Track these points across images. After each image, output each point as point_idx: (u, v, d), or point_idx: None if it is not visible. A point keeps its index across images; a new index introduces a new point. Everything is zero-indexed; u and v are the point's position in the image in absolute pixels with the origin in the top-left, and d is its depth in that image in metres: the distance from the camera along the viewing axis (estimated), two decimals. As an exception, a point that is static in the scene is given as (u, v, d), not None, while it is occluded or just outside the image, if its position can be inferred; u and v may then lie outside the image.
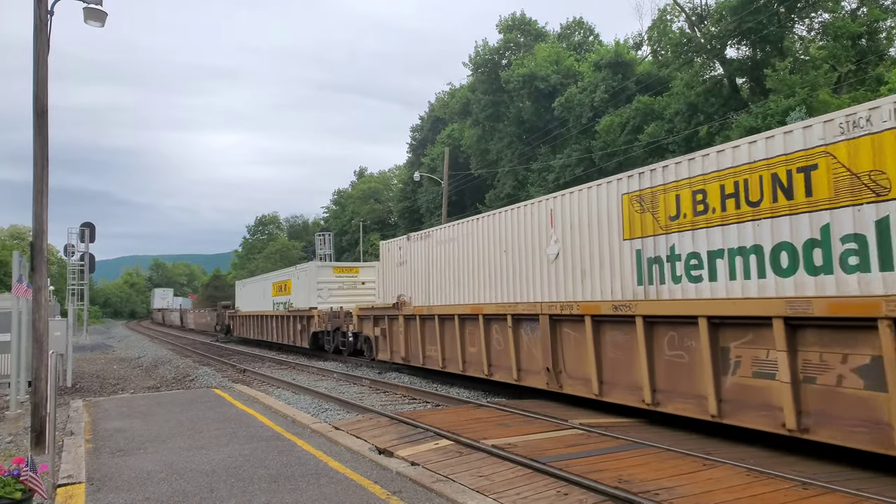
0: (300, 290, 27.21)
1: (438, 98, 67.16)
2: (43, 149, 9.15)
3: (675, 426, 8.74)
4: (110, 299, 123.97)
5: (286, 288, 29.48)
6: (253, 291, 35.85)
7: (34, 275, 9.23)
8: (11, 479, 5.57)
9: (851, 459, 6.61)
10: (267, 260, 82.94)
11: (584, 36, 54.94)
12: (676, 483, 6.03)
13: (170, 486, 6.67)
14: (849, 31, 29.90)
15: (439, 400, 12.89)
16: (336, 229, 77.61)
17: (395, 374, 17.45)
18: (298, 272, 28.38)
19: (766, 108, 27.84)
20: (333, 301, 24.99)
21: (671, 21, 38.30)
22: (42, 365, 8.97)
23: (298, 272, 28.38)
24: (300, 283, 27.39)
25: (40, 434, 8.70)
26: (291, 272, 29.61)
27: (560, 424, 8.98)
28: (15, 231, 73.07)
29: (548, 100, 44.20)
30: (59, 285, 51.64)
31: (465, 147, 53.69)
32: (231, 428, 9.72)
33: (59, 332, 16.83)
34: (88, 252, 40.96)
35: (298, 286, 27.53)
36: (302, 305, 26.07)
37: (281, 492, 6.37)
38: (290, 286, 28.73)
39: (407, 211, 65.40)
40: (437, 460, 7.35)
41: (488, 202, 48.61)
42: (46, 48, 9.24)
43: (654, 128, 34.96)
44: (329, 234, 53.87)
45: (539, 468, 6.71)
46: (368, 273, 26.83)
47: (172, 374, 19.57)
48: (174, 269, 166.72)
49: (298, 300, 27.02)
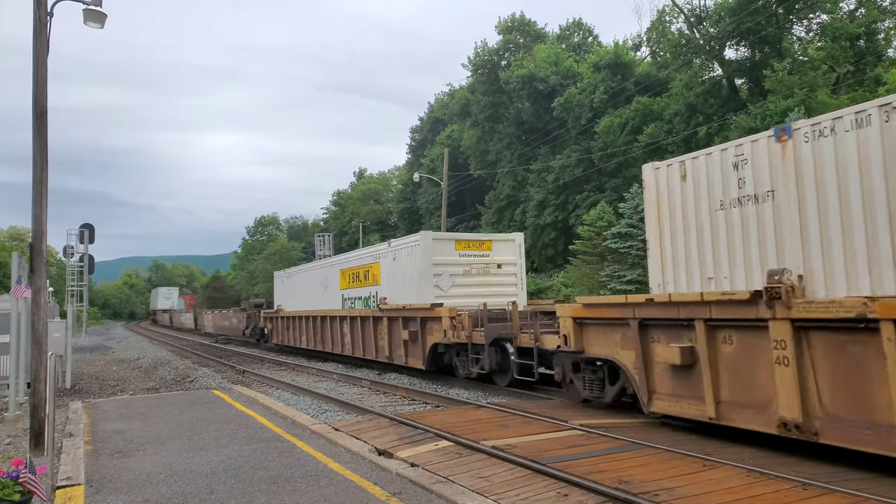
0: (399, 277, 18.47)
1: (438, 99, 67.30)
2: (42, 150, 9.14)
3: (675, 427, 8.74)
4: (109, 300, 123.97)
5: (368, 276, 20.58)
6: (306, 284, 26.55)
7: (33, 276, 9.22)
8: (10, 481, 5.56)
9: (851, 460, 6.61)
10: (266, 261, 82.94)
11: (584, 37, 55.05)
12: (676, 484, 6.02)
13: (169, 488, 6.66)
14: (847, 32, 29.96)
15: (439, 401, 12.88)
16: (336, 230, 77.65)
17: (395, 375, 17.44)
18: (395, 250, 18.91)
19: (764, 108, 27.88)
20: (458, 294, 16.70)
21: (670, 22, 38.39)
22: (41, 366, 8.96)
23: (395, 250, 18.91)
24: (400, 266, 18.50)
25: (39, 436, 8.69)
26: (379, 251, 20.11)
27: (560, 425, 8.97)
28: (14, 232, 73.04)
29: (547, 101, 44.25)
30: (59, 286, 51.64)
31: (465, 148, 53.76)
32: (231, 429, 9.71)
33: (59, 334, 16.82)
34: (88, 253, 40.95)
35: (395, 271, 18.73)
36: (402, 301, 17.65)
37: (281, 493, 6.36)
38: (377, 273, 19.85)
39: (407, 212, 65.47)
40: (437, 461, 7.34)
41: (488, 203, 48.68)
42: (46, 49, 9.24)
43: (654, 128, 35.01)
44: (329, 234, 53.89)
45: (539, 469, 6.70)
46: (505, 250, 18.02)
47: (172, 375, 19.55)
48: (174, 269, 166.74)
49: (395, 293, 18.43)
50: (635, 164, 37.29)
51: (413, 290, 17.29)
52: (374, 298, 19.56)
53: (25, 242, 55.97)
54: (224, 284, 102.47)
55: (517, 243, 18.19)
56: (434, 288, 16.65)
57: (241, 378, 18.77)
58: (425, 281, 16.76)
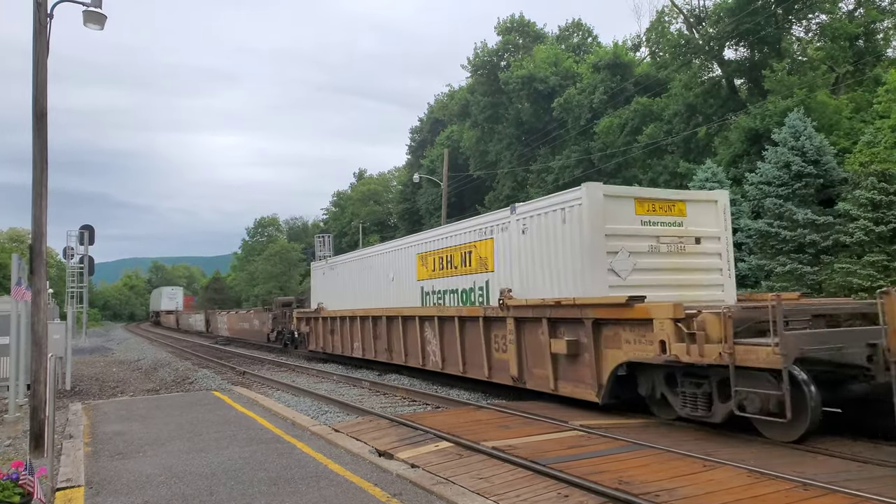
0: (534, 257, 12.20)
1: (437, 100, 67.35)
2: (42, 151, 9.14)
3: (675, 427, 8.74)
4: (109, 302, 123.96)
5: (469, 259, 14.48)
6: (360, 275, 20.64)
7: (33, 277, 9.22)
8: (10, 483, 5.56)
9: (852, 461, 6.61)
10: (266, 262, 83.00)
11: (583, 37, 55.04)
12: (677, 484, 6.02)
13: (169, 490, 6.65)
14: (846, 32, 29.97)
15: (439, 402, 12.88)
16: (336, 231, 77.65)
17: (395, 376, 17.43)
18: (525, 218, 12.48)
19: (764, 108, 27.89)
20: (639, 283, 10.68)
21: (669, 22, 38.41)
22: (41, 368, 8.95)
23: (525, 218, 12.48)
24: (534, 241, 12.19)
25: (39, 437, 8.69)
26: (490, 223, 13.80)
27: (560, 426, 8.97)
28: (14, 234, 72.98)
29: (547, 101, 44.27)
30: (59, 288, 51.55)
31: (465, 148, 53.77)
32: (231, 430, 9.71)
33: (59, 335, 16.81)
34: (88, 255, 40.92)
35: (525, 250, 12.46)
36: (541, 293, 11.72)
37: (281, 494, 6.36)
38: (488, 254, 13.71)
39: (407, 212, 65.46)
40: (438, 462, 7.34)
41: (488, 203, 48.67)
42: (46, 51, 9.24)
43: (653, 129, 35.01)
44: (329, 235, 53.65)
45: (539, 470, 6.70)
46: (705, 216, 11.89)
47: (172, 376, 19.56)
48: (174, 271, 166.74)
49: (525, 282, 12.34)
50: (635, 165, 37.32)
51: (566, 278, 11.25)
52: (480, 291, 13.89)
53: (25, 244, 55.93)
54: (224, 285, 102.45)
55: (721, 206, 12.00)
56: (607, 274, 10.71)
57: (242, 379, 18.76)
58: (593, 262, 10.70)
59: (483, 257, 13.95)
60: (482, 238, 13.97)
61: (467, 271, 14.60)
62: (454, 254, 15.15)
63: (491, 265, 13.61)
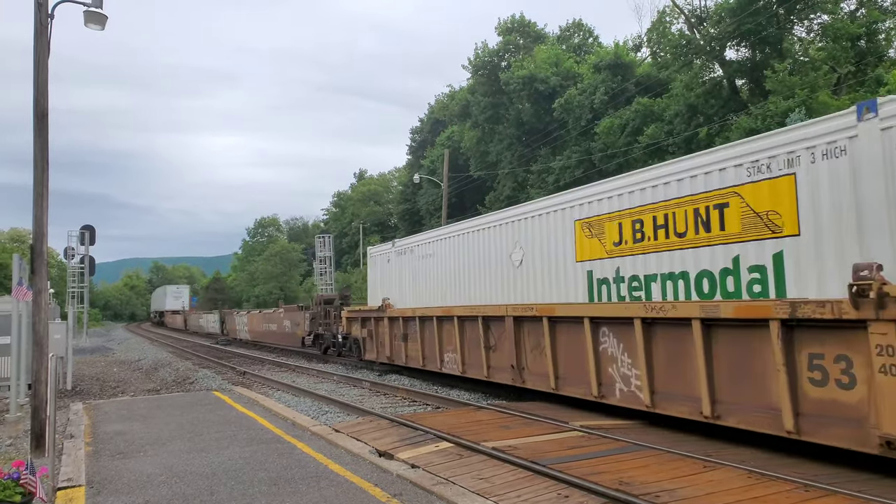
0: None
1: (438, 100, 67.31)
2: (43, 152, 9.16)
3: (675, 428, 8.74)
4: (110, 302, 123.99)
5: (723, 217, 8.96)
6: (454, 257, 16.23)
7: (34, 277, 9.23)
8: (11, 483, 5.57)
9: (852, 461, 6.60)
10: (267, 262, 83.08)
11: (584, 38, 55.03)
12: (677, 485, 6.02)
13: (170, 489, 6.66)
14: (848, 33, 29.93)
15: (439, 402, 12.88)
16: (336, 231, 77.73)
17: (396, 377, 17.42)
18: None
19: (765, 109, 27.87)
20: None
21: (670, 23, 38.37)
22: (42, 368, 8.96)
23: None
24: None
25: (40, 437, 8.70)
26: (797, 140, 8.00)
27: (560, 426, 8.97)
28: (15, 234, 73.03)
29: (547, 101, 44.24)
30: (59, 288, 51.64)
31: (465, 149, 53.74)
32: (231, 431, 9.71)
33: (59, 335, 16.82)
34: (88, 255, 40.97)
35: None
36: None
37: (281, 494, 6.36)
38: (782, 200, 8.21)
39: (407, 213, 65.45)
40: (438, 463, 7.34)
41: (488, 204, 48.66)
42: (47, 51, 9.25)
43: (654, 129, 34.98)
44: (329, 235, 53.70)
45: (539, 470, 6.70)
46: None
47: (172, 376, 19.57)
48: (174, 271, 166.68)
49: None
50: (636, 165, 37.27)
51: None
52: (755, 274, 8.59)
53: (26, 244, 55.97)
54: (224, 286, 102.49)
55: None
56: None
57: (242, 379, 18.77)
58: None
59: (764, 212, 8.47)
60: (760, 177, 8.51)
61: (712, 239, 9.14)
62: (676, 211, 9.74)
63: (789, 223, 8.17)
